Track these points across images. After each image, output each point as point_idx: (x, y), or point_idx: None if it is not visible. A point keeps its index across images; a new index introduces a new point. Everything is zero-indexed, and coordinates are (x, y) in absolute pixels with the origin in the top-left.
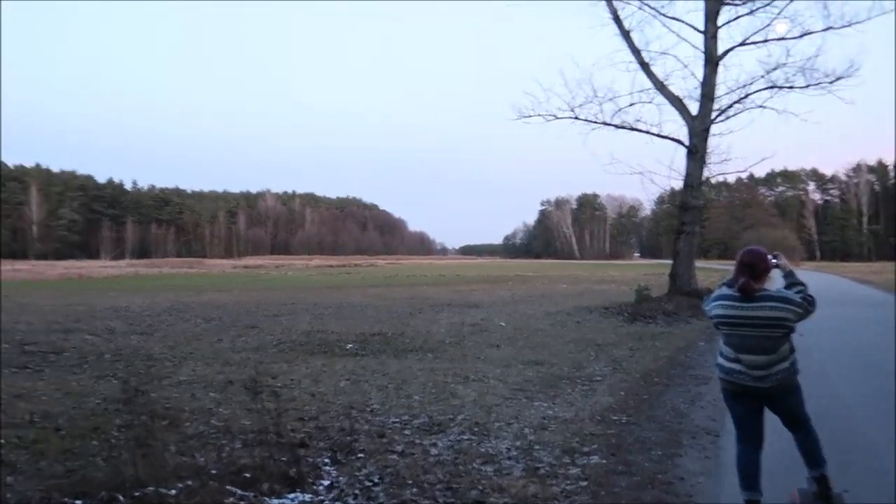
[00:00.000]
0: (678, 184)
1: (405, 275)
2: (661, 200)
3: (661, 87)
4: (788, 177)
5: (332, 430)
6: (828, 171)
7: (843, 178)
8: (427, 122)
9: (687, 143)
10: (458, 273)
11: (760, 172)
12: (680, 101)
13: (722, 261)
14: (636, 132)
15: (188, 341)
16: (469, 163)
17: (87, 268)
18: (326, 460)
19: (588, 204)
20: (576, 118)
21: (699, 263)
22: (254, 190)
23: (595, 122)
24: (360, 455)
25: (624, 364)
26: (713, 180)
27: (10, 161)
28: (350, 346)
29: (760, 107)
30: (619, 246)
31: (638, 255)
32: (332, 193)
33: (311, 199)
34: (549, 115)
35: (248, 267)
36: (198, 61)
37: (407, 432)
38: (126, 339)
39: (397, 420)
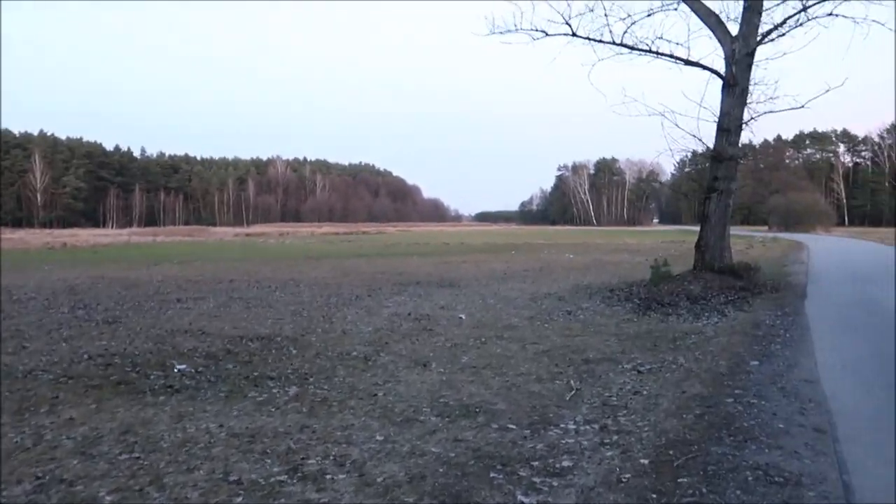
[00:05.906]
0: (709, 129)
1: (408, 242)
2: (681, 164)
3: None
4: (818, 138)
5: None
6: (860, 132)
7: (876, 139)
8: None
9: (723, 72)
10: (465, 241)
11: (788, 134)
12: (715, 16)
13: (748, 226)
14: (656, 57)
15: None
16: (485, 128)
17: (80, 236)
18: None
19: (606, 168)
20: (573, 35)
21: None
22: (264, 157)
23: (600, 42)
24: None
25: (622, 417)
26: (751, 128)
27: (15, 128)
28: (182, 366)
29: (831, 14)
30: (638, 212)
31: (657, 221)
32: (345, 160)
33: (322, 166)
34: (538, 32)
35: (251, 235)
36: (204, 25)
37: None
38: None
39: None
